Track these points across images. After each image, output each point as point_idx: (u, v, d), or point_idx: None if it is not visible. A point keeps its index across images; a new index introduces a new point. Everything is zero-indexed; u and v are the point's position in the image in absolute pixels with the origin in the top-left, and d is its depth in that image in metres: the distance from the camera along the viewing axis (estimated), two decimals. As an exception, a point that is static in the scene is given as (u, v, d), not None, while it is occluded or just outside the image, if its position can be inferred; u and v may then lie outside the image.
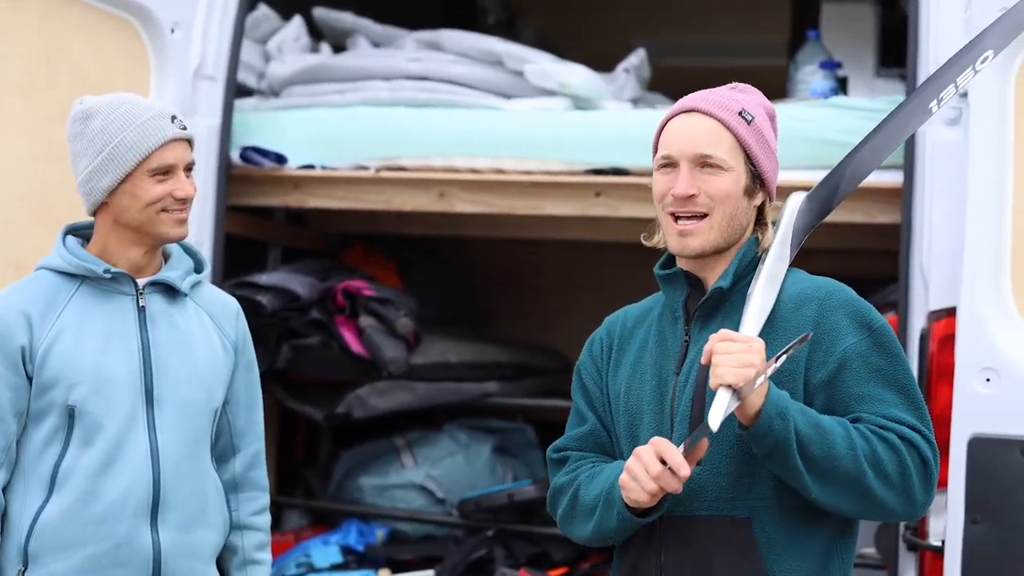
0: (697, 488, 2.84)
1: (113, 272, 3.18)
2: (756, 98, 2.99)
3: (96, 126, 3.15)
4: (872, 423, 2.78)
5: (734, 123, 2.89)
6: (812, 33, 5.53)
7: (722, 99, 2.93)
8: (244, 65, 5.16)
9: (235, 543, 3.34)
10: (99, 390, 3.13)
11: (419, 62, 5.29)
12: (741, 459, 2.82)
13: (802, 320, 2.85)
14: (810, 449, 2.71)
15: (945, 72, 3.14)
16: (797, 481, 2.75)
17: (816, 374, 2.83)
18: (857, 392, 2.81)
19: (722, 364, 2.69)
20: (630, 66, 5.42)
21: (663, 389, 2.92)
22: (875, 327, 2.85)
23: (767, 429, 2.70)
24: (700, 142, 2.89)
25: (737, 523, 2.82)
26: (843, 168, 3.06)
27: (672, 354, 2.94)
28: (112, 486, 3.11)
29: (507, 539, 5.30)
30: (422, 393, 5.39)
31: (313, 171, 5.12)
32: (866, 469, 2.73)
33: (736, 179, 2.89)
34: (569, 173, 4.94)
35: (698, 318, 2.93)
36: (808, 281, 2.93)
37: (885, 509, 2.79)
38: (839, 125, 4.67)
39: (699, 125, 2.90)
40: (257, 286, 5.16)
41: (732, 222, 2.89)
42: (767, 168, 2.93)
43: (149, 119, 3.15)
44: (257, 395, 3.40)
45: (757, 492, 2.83)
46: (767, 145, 2.94)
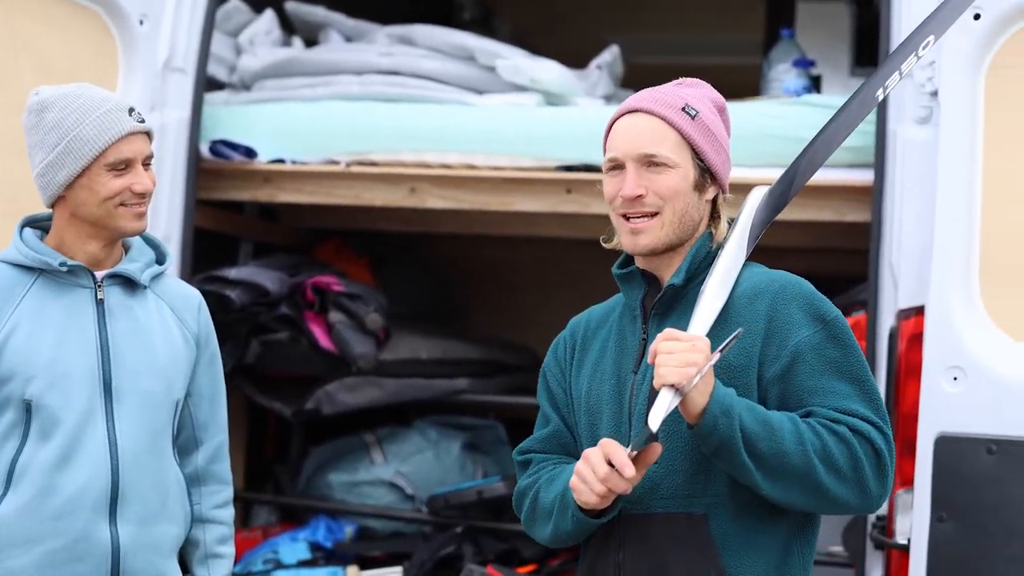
0: (653, 486, 2.83)
1: (70, 265, 3.15)
2: (702, 92, 2.97)
3: (51, 119, 3.11)
4: (823, 416, 2.77)
5: (677, 119, 2.87)
6: (786, 32, 5.53)
7: (665, 96, 2.91)
8: (215, 58, 5.14)
9: (197, 537, 3.31)
10: (56, 384, 3.10)
11: (391, 57, 5.27)
12: (697, 456, 2.81)
13: (755, 314, 2.83)
14: (757, 446, 2.70)
15: (891, 61, 3.14)
16: (747, 478, 2.74)
17: (770, 368, 2.81)
18: (811, 385, 2.80)
19: (665, 364, 2.68)
20: (603, 63, 5.42)
21: (622, 388, 2.91)
22: (828, 319, 2.83)
23: (712, 427, 2.69)
24: (643, 141, 2.87)
25: (694, 520, 2.81)
26: (799, 162, 3.04)
27: (631, 353, 2.93)
28: (70, 480, 3.09)
29: (476, 536, 5.30)
30: (392, 389, 5.38)
31: (283, 165, 5.10)
32: (816, 464, 2.72)
33: (683, 175, 2.87)
34: (540, 169, 4.93)
35: (655, 316, 2.92)
36: (763, 275, 2.91)
37: (839, 503, 2.77)
38: (811, 123, 4.63)
39: (642, 124, 2.89)
40: (226, 280, 5.13)
41: (683, 218, 2.88)
42: (716, 162, 2.91)
43: (106, 112, 3.11)
44: (220, 388, 3.38)
45: (713, 489, 2.82)
46: (714, 139, 2.91)
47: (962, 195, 3.88)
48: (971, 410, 3.74)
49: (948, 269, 3.84)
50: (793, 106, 4.85)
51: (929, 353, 3.81)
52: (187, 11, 4.70)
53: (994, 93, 3.89)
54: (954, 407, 3.75)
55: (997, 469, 3.69)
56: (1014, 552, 3.65)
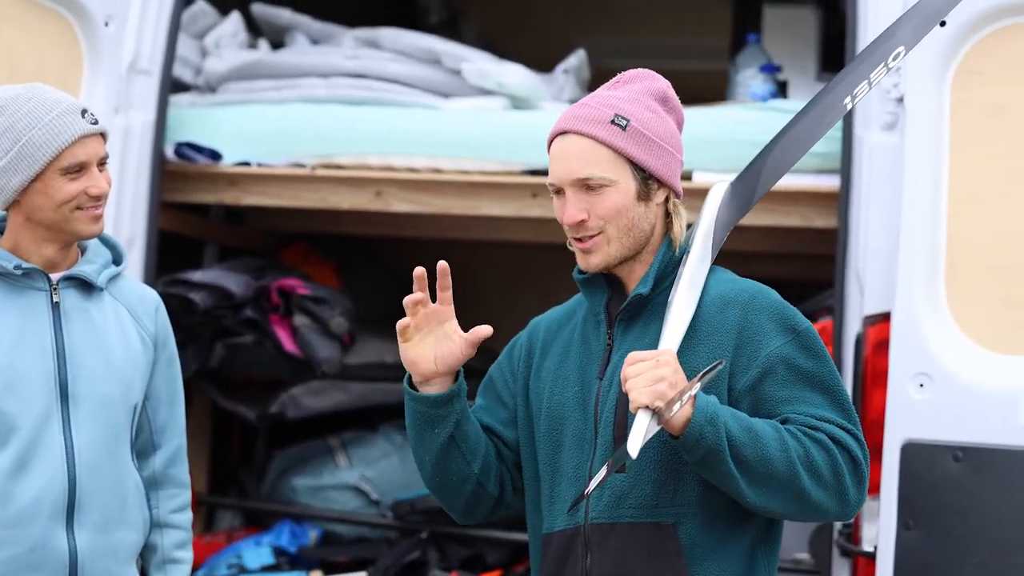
0: (621, 495, 2.80)
1: (25, 268, 3.11)
2: (639, 87, 2.90)
3: (2, 123, 3.06)
4: (801, 423, 2.75)
5: (605, 135, 2.81)
6: (752, 37, 5.54)
7: (592, 111, 2.84)
8: (180, 60, 5.12)
9: (155, 542, 3.28)
10: (12, 389, 3.06)
11: (356, 60, 5.26)
12: (666, 466, 2.79)
13: (725, 324, 2.81)
14: (743, 453, 2.68)
15: (857, 68, 3.10)
16: (731, 486, 2.71)
17: (741, 379, 2.79)
18: (783, 395, 2.78)
19: (635, 387, 2.65)
20: (569, 67, 5.42)
21: (586, 394, 2.88)
22: (799, 330, 2.82)
23: (698, 437, 2.65)
24: (575, 166, 2.81)
25: (661, 529, 2.79)
26: (762, 162, 3.01)
27: (596, 358, 2.90)
28: (26, 488, 3.05)
29: (441, 541, 5.28)
30: (357, 393, 5.36)
31: (249, 168, 5.07)
32: (800, 471, 2.70)
33: (623, 191, 2.82)
34: (506, 173, 4.93)
35: (620, 322, 2.89)
36: (732, 283, 2.89)
37: (820, 510, 2.76)
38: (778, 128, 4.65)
39: (572, 147, 2.82)
40: (190, 284, 5.11)
41: (632, 231, 2.84)
42: (656, 166, 2.84)
43: (58, 115, 3.07)
44: (178, 390, 3.34)
45: (681, 498, 2.80)
46: (651, 143, 2.83)
47: (928, 201, 3.89)
48: (938, 417, 3.74)
49: (914, 275, 3.84)
50: (760, 111, 4.85)
51: (895, 359, 3.81)
52: (153, 13, 4.67)
53: (960, 99, 3.90)
54: (920, 414, 3.76)
55: (964, 476, 3.70)
56: (981, 559, 3.65)
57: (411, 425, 2.94)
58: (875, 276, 4.06)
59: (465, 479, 2.96)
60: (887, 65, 3.10)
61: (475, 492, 2.98)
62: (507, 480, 3.03)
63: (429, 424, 2.91)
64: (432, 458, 2.94)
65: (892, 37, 3.12)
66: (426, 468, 2.98)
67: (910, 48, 3.14)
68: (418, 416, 2.92)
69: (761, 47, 5.50)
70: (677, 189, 2.91)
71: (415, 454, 2.98)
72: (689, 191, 3.16)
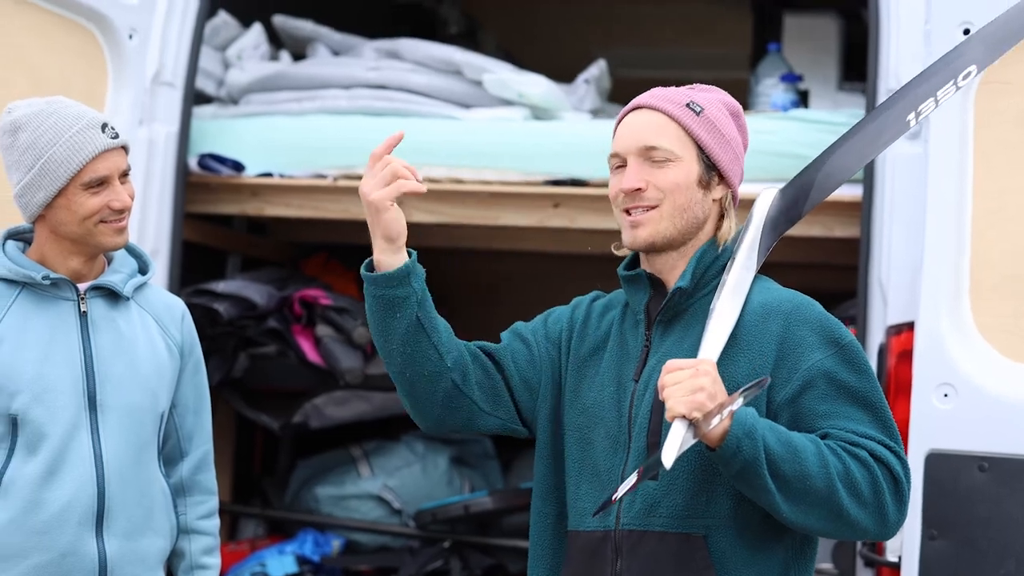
0: (653, 503, 2.77)
1: (53, 278, 3.14)
2: (714, 95, 2.92)
3: (25, 140, 3.09)
4: (842, 439, 2.71)
5: (679, 114, 2.83)
6: (773, 46, 5.55)
7: (669, 93, 2.87)
8: (203, 72, 5.14)
9: (182, 548, 3.30)
10: (41, 398, 3.09)
11: (378, 71, 5.28)
12: (699, 477, 2.75)
13: (767, 334, 2.77)
14: (781, 468, 2.63)
15: (922, 84, 3.05)
16: (767, 501, 2.67)
17: (780, 391, 2.75)
18: (823, 410, 2.74)
19: (672, 396, 2.61)
20: (590, 77, 5.43)
21: (621, 396, 2.85)
22: (843, 343, 2.77)
23: (735, 450, 2.61)
24: (644, 135, 2.82)
25: (692, 541, 2.75)
26: (812, 174, 2.99)
27: (632, 359, 2.87)
28: (56, 495, 3.08)
29: (463, 550, 5.30)
30: (379, 403, 5.38)
31: (271, 179, 5.10)
32: (839, 488, 2.66)
33: (686, 169, 2.81)
34: (527, 184, 4.93)
35: (659, 323, 2.86)
36: (775, 292, 2.85)
37: (858, 528, 2.71)
38: (799, 138, 4.68)
39: (644, 119, 2.84)
40: (214, 294, 5.13)
41: (685, 213, 2.82)
42: (722, 159, 2.84)
43: (78, 131, 3.09)
44: (205, 398, 3.37)
45: (714, 510, 2.76)
46: (721, 136, 2.85)
47: (952, 211, 3.87)
48: (962, 427, 3.72)
49: (938, 285, 3.83)
50: (781, 121, 4.85)
51: (919, 370, 3.79)
52: (176, 26, 4.69)
53: (984, 109, 3.88)
54: (945, 424, 3.73)
55: (989, 486, 3.67)
56: (1007, 570, 3.62)
57: (372, 315, 2.85)
58: (898, 286, 4.05)
59: (437, 374, 2.86)
60: (956, 84, 3.04)
61: (449, 392, 2.88)
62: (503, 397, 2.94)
63: (390, 308, 2.82)
64: (399, 346, 2.84)
65: (963, 55, 3.06)
66: (394, 361, 2.86)
67: (982, 68, 3.09)
68: (377, 300, 2.84)
69: (782, 56, 5.51)
70: (735, 190, 2.90)
71: (381, 350, 2.87)
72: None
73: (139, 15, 4.51)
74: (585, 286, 3.75)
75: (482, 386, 2.93)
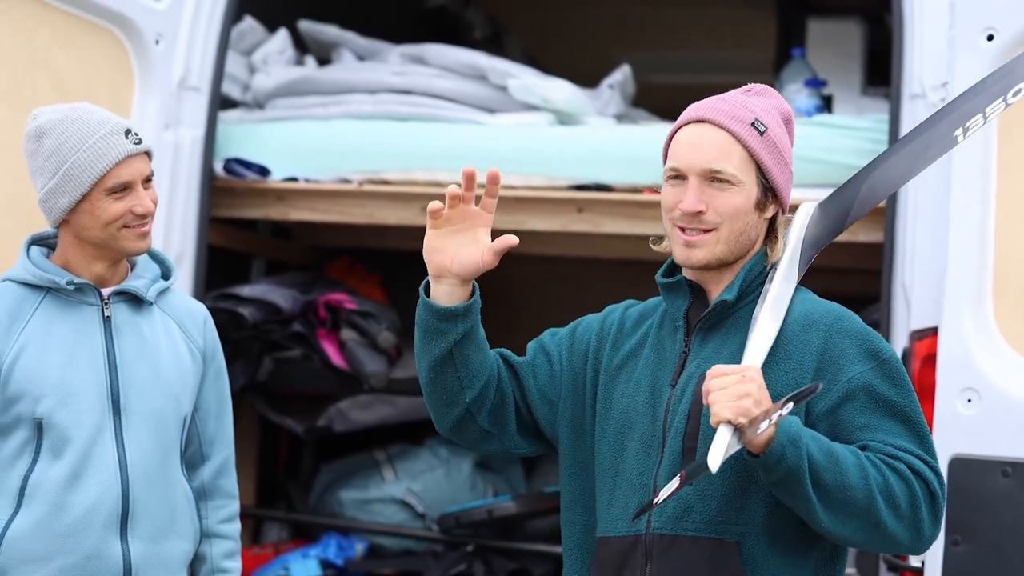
0: (686, 508, 2.76)
1: (77, 283, 3.16)
2: (771, 102, 2.87)
3: (49, 145, 3.12)
4: (881, 451, 2.70)
5: (746, 135, 2.77)
6: (797, 51, 5.54)
7: (734, 108, 2.80)
8: (229, 77, 5.16)
9: (204, 551, 3.32)
10: (66, 402, 3.11)
11: (403, 76, 5.29)
12: (734, 483, 2.74)
13: (807, 345, 2.76)
14: (823, 477, 2.62)
15: (971, 99, 2.98)
16: (806, 510, 2.66)
17: (820, 402, 2.74)
18: (862, 422, 2.72)
19: (717, 401, 2.59)
20: (614, 82, 5.43)
21: (657, 400, 2.83)
22: (883, 357, 2.76)
23: (779, 457, 2.60)
24: (709, 156, 2.76)
25: (724, 547, 2.74)
26: (857, 187, 2.95)
27: (670, 365, 2.85)
28: (81, 498, 3.10)
29: (487, 555, 5.30)
30: (403, 407, 5.38)
31: (296, 184, 5.11)
32: (878, 499, 2.65)
33: (747, 195, 2.78)
34: (552, 188, 4.94)
35: (699, 331, 2.84)
36: (816, 304, 2.84)
37: (893, 541, 2.70)
38: (823, 143, 4.68)
39: (709, 137, 2.77)
40: (239, 298, 5.15)
41: (741, 237, 2.79)
42: (779, 180, 2.81)
43: (102, 137, 3.11)
44: (226, 402, 3.38)
45: (748, 517, 2.75)
46: (780, 156, 2.81)
47: (975, 216, 3.86)
48: (986, 432, 3.71)
49: (961, 290, 3.82)
50: (805, 126, 4.82)
51: (943, 374, 3.78)
52: (202, 31, 4.72)
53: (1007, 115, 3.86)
54: (968, 429, 3.72)
55: (1012, 491, 3.66)
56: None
57: (416, 328, 2.88)
58: (922, 291, 4.04)
59: (454, 402, 2.89)
60: (1006, 100, 2.98)
61: (463, 418, 2.91)
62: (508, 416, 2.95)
63: (429, 334, 2.84)
64: (426, 368, 2.88)
65: (1013, 72, 3.00)
66: (422, 374, 2.91)
67: None
68: (421, 323, 2.86)
69: (806, 61, 5.50)
70: (787, 208, 2.88)
71: (416, 359, 2.92)
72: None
73: (166, 20, 4.53)
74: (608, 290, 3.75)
75: (494, 413, 2.94)
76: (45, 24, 4.14)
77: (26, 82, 4.09)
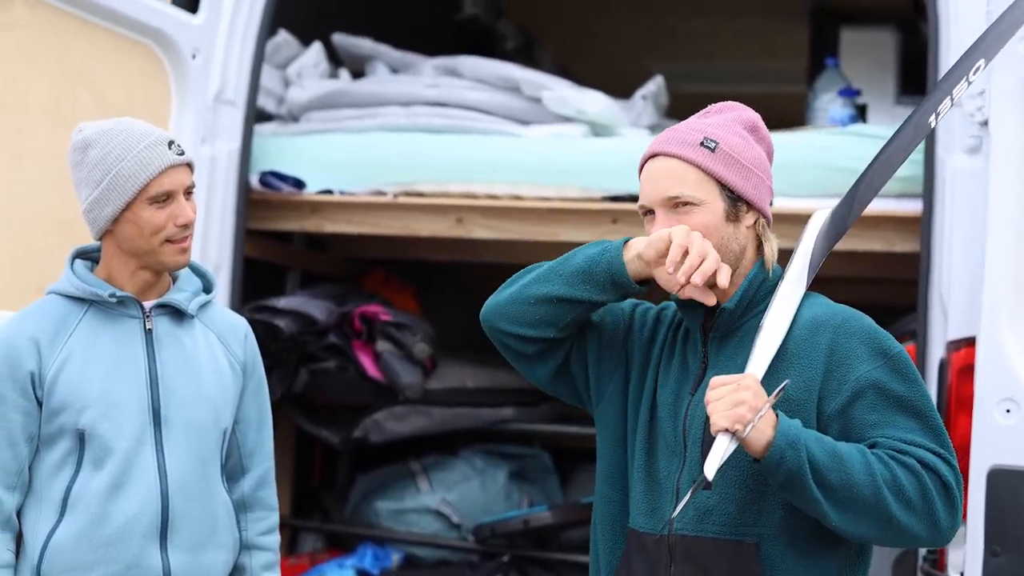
0: (706, 511, 2.82)
1: (119, 296, 3.19)
2: (729, 116, 2.94)
3: (94, 156, 3.16)
4: (890, 447, 2.74)
5: (694, 156, 2.84)
6: (831, 60, 5.54)
7: (682, 134, 2.89)
8: (264, 90, 5.18)
9: (244, 563, 3.33)
10: (108, 413, 3.14)
11: (437, 88, 5.31)
12: (751, 485, 2.80)
13: (816, 347, 2.81)
14: (827, 477, 2.68)
15: (941, 86, 3.13)
16: (816, 510, 2.71)
17: (830, 403, 2.79)
18: (873, 419, 2.77)
19: (715, 411, 2.67)
20: (648, 93, 5.44)
21: (678, 408, 2.90)
22: (891, 354, 2.81)
23: (779, 460, 2.67)
24: (664, 185, 2.85)
25: (744, 548, 2.80)
26: (856, 189, 3.03)
27: (691, 374, 2.92)
28: (122, 509, 3.12)
29: (522, 565, 5.30)
30: (438, 418, 5.39)
31: (331, 196, 5.13)
32: (886, 494, 2.69)
33: (712, 211, 2.84)
34: (586, 200, 4.94)
35: (714, 340, 2.91)
36: (826, 307, 2.89)
37: (909, 535, 2.75)
38: (858, 153, 4.66)
39: (662, 168, 2.87)
40: (275, 310, 5.17)
41: (721, 251, 2.84)
42: (745, 188, 2.87)
43: (146, 147, 3.15)
44: (267, 415, 3.40)
45: (766, 519, 2.80)
46: (740, 166, 2.87)
47: (1012, 224, 3.85)
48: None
49: (999, 299, 3.80)
50: (839, 136, 4.84)
51: (981, 385, 3.76)
52: (237, 45, 4.75)
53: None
54: (1007, 439, 3.70)
55: (1053, 502, 3.67)
56: (1071, 587, 3.62)
57: (570, 262, 2.94)
58: (959, 301, 4.03)
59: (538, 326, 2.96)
60: (968, 79, 3.13)
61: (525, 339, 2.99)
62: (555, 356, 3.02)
63: (592, 284, 2.90)
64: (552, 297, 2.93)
65: (972, 52, 3.15)
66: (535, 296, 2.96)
67: (989, 59, 3.17)
68: (591, 264, 2.90)
69: (839, 71, 5.50)
70: (766, 212, 2.93)
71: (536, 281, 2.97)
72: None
73: (202, 35, 4.57)
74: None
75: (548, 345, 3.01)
76: (84, 39, 4.17)
77: (66, 97, 4.13)
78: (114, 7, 4.22)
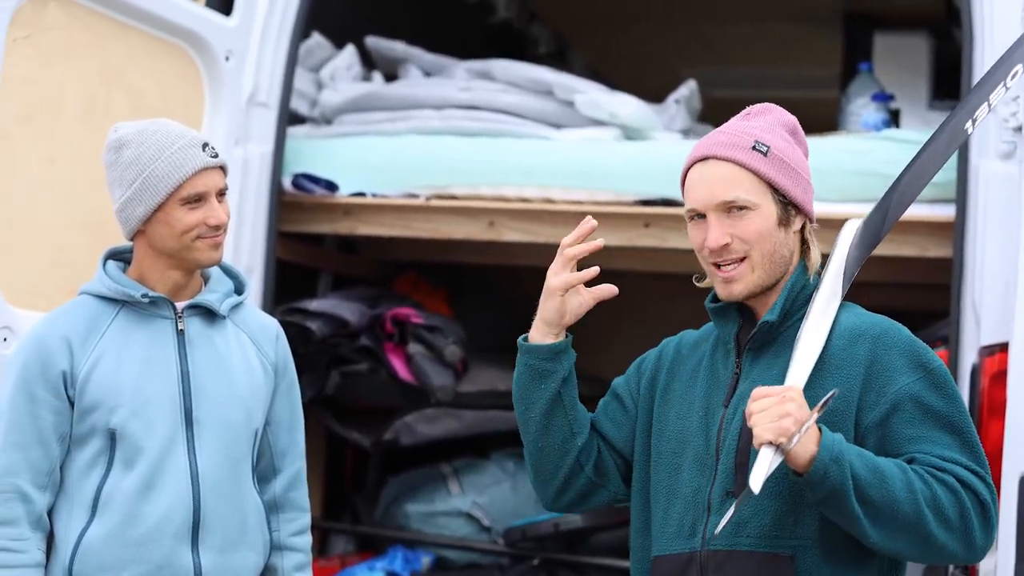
0: (741, 523, 2.79)
1: (151, 296, 3.21)
2: (771, 119, 2.93)
3: (128, 156, 3.18)
4: (928, 464, 2.71)
5: (749, 160, 2.82)
6: (864, 65, 5.53)
7: (732, 137, 2.86)
8: (297, 93, 5.20)
9: (275, 564, 3.34)
10: (139, 413, 3.15)
11: (470, 91, 5.31)
12: (787, 498, 2.77)
13: (854, 358, 2.79)
14: (868, 493, 2.65)
15: (978, 92, 3.10)
16: (854, 526, 2.68)
17: (868, 415, 2.76)
18: (910, 434, 2.74)
19: (759, 423, 2.63)
20: (680, 97, 5.43)
21: (710, 421, 2.88)
22: (931, 368, 2.78)
23: (822, 475, 2.63)
24: (719, 189, 2.83)
25: (779, 560, 2.77)
26: (890, 196, 3.01)
27: (722, 386, 2.89)
28: (153, 509, 3.14)
29: (553, 568, 5.29)
30: (470, 421, 5.39)
31: (364, 199, 5.14)
32: (926, 512, 2.66)
33: (766, 215, 2.83)
34: (618, 204, 4.94)
35: (749, 351, 2.88)
36: (863, 317, 2.86)
37: (945, 553, 2.72)
38: (891, 158, 4.65)
39: (715, 172, 2.84)
40: (307, 312, 5.18)
41: (773, 257, 2.84)
42: (795, 193, 2.86)
43: (180, 148, 3.17)
44: (298, 416, 3.42)
45: (801, 531, 2.77)
46: (790, 169, 2.86)
47: (1046, 230, 3.84)
48: (1058, 449, 3.69)
49: (1032, 305, 3.79)
50: (873, 141, 4.83)
51: (1014, 391, 3.72)
52: (271, 48, 4.77)
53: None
54: (1041, 446, 3.70)
55: (1085, 511, 3.64)
56: (1103, 596, 3.59)
57: (519, 382, 2.97)
58: (992, 306, 4.01)
59: (566, 450, 2.98)
60: (1006, 85, 3.10)
61: (572, 468, 2.99)
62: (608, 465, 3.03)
63: (537, 377, 2.94)
64: (537, 416, 2.96)
65: (1010, 58, 3.12)
66: (530, 429, 2.99)
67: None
68: (526, 370, 2.95)
69: (873, 76, 5.49)
70: (812, 216, 2.92)
71: (520, 416, 3.00)
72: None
73: (236, 37, 4.58)
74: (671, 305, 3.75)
75: (596, 462, 3.02)
76: (119, 42, 4.20)
77: (101, 98, 4.15)
78: (148, 9, 4.24)
